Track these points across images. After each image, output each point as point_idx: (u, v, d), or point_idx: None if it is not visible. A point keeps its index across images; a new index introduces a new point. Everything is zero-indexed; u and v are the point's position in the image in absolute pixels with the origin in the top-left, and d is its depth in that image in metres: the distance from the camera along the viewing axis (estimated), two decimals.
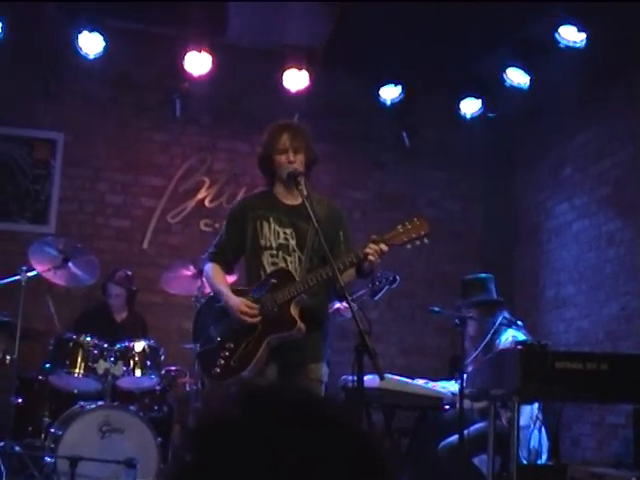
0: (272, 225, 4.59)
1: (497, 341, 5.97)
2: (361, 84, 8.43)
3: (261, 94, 8.27)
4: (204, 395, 6.44)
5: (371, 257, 4.30)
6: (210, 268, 4.73)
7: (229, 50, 8.07)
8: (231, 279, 5.07)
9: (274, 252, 4.56)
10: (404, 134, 8.64)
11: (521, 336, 5.99)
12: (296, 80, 8.11)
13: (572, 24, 7.02)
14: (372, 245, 4.31)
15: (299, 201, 4.53)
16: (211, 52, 7.80)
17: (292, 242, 4.57)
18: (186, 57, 7.79)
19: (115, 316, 7.29)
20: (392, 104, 8.41)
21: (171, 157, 8.43)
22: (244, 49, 8.24)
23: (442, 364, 7.96)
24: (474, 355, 5.89)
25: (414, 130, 8.67)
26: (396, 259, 8.11)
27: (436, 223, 8.71)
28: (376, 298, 6.34)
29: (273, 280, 4.48)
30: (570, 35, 7.07)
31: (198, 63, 7.84)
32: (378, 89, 8.35)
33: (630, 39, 6.25)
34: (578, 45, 7.11)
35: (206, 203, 8.39)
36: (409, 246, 4.41)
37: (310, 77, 8.09)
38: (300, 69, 8.08)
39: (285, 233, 4.58)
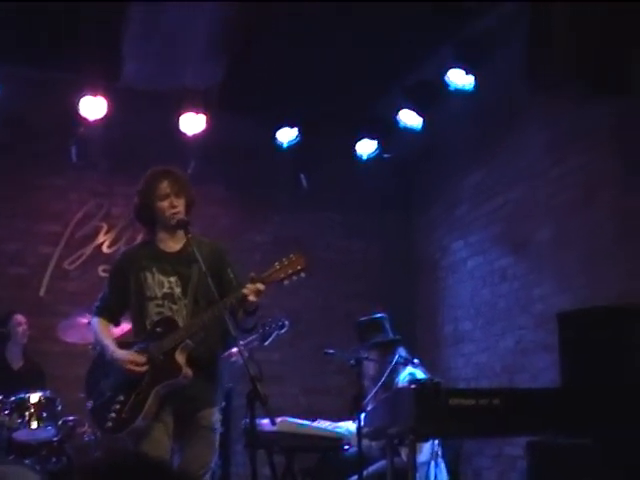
0: (156, 275, 4.57)
1: (396, 380, 6.04)
2: (258, 127, 8.46)
3: (158, 138, 8.24)
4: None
5: (250, 297, 4.33)
6: (96, 323, 4.72)
7: (125, 94, 8.03)
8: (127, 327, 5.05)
9: (160, 302, 4.54)
10: (301, 176, 8.72)
11: (420, 374, 6.07)
12: (193, 123, 8.11)
13: (460, 67, 7.22)
14: (249, 285, 4.35)
15: (180, 246, 4.58)
16: (106, 96, 7.76)
17: (177, 290, 4.55)
18: (81, 102, 7.73)
19: (12, 364, 7.15)
20: (289, 146, 8.47)
21: (68, 203, 8.33)
22: (140, 92, 8.21)
23: (344, 404, 7.99)
24: (371, 395, 5.94)
25: (311, 172, 8.74)
26: (297, 300, 8.23)
27: (335, 264, 8.97)
28: (266, 343, 6.37)
29: (158, 329, 4.48)
30: (459, 78, 7.27)
31: (94, 107, 7.78)
32: (275, 132, 8.41)
33: (515, 83, 6.45)
34: (467, 88, 7.32)
35: (104, 249, 8.31)
36: (287, 282, 4.45)
37: (207, 120, 8.10)
38: (197, 112, 8.09)
39: (169, 282, 4.57)
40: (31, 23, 6.99)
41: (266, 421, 4.73)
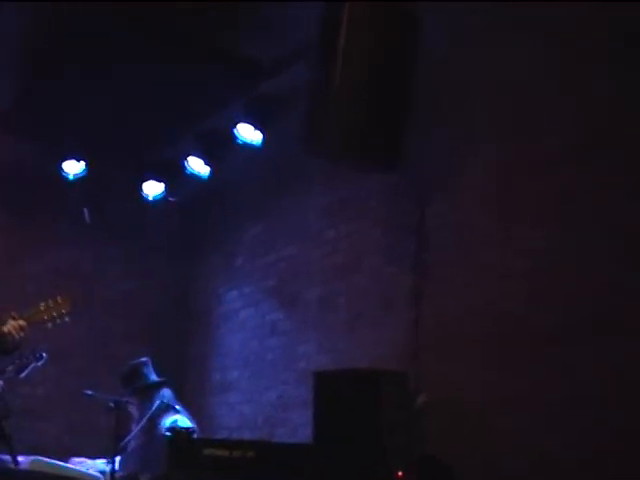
0: None
1: (161, 424, 6.06)
2: (44, 155, 8.32)
3: None
4: None
5: (13, 333, 4.28)
6: None
7: None
8: None
9: None
10: (85, 210, 8.61)
11: (183, 420, 6.11)
12: None
13: (249, 122, 7.41)
14: (12, 322, 4.31)
15: None
16: None
17: None
18: None
19: None
20: (75, 179, 8.35)
21: None
22: None
23: (109, 444, 7.90)
24: (130, 437, 5.94)
25: (96, 207, 8.65)
26: (68, 336, 8.06)
27: (111, 302, 8.88)
28: (22, 375, 6.24)
29: None
30: (247, 133, 7.45)
31: None
32: (61, 162, 8.28)
33: (300, 143, 6.69)
34: (255, 143, 7.51)
35: None
36: (50, 325, 4.44)
37: None
38: None
39: None
40: None
41: (21, 459, 4.65)
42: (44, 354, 6.16)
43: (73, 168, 8.32)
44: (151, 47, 6.66)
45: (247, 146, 7.53)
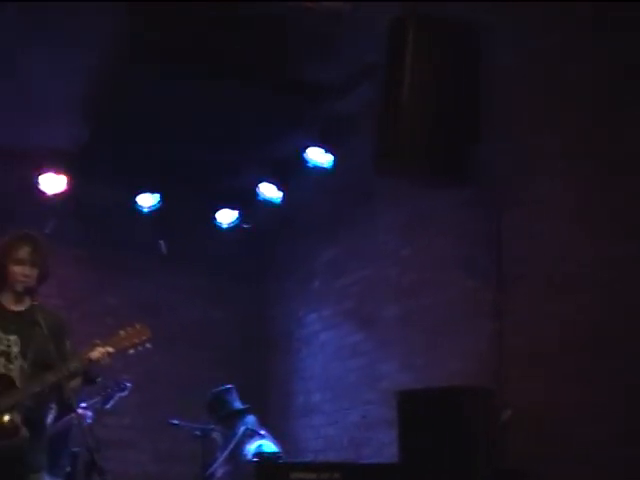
0: None
1: (245, 450, 6.10)
2: (118, 190, 8.46)
3: (16, 196, 8.13)
4: None
5: (100, 360, 4.36)
6: None
7: None
8: None
9: None
10: (161, 242, 8.73)
11: (268, 445, 6.15)
12: (53, 183, 8.04)
13: (319, 146, 7.46)
14: (99, 349, 4.39)
15: (24, 308, 4.56)
16: None
17: (15, 349, 4.50)
18: None
19: None
20: (150, 212, 8.49)
21: None
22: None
23: (196, 470, 7.97)
24: (217, 464, 5.99)
25: (172, 238, 8.77)
26: (151, 367, 8.18)
27: (192, 330, 8.97)
28: (108, 406, 6.36)
29: None
30: (317, 156, 7.50)
31: None
32: (135, 196, 8.43)
33: (371, 164, 6.71)
34: (326, 166, 7.55)
35: None
36: (132, 351, 4.51)
37: (67, 181, 8.05)
38: (57, 173, 8.04)
39: (8, 340, 4.51)
40: None
41: None
42: (128, 384, 6.27)
43: (147, 201, 8.47)
44: (218, 79, 6.74)
45: (318, 169, 7.58)
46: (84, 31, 6.30)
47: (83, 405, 6.38)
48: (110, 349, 4.42)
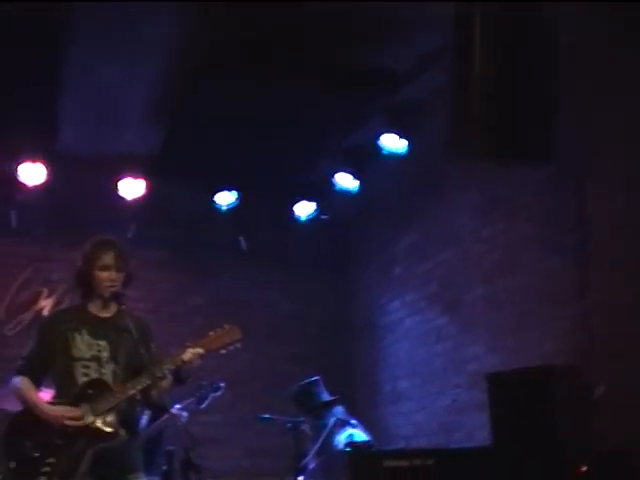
0: (85, 337, 4.58)
1: (336, 441, 6.12)
2: (196, 190, 8.56)
3: (97, 203, 8.29)
4: None
5: (192, 361, 4.43)
6: (19, 382, 4.61)
7: (63, 159, 8.05)
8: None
9: (86, 363, 4.54)
10: (241, 239, 8.82)
11: (359, 434, 6.16)
12: (131, 188, 8.18)
13: (393, 132, 7.43)
14: (191, 350, 4.45)
15: (112, 314, 4.63)
16: (45, 162, 7.81)
17: (105, 354, 4.57)
18: (20, 168, 7.78)
19: None
20: (228, 209, 8.57)
21: (7, 268, 8.32)
22: (78, 158, 8.25)
23: (286, 464, 8.02)
24: (310, 456, 6.02)
25: (251, 234, 8.86)
26: (238, 362, 8.27)
27: (275, 325, 9.04)
28: (203, 406, 6.44)
29: (90, 391, 4.47)
30: (392, 142, 7.48)
31: (32, 173, 7.83)
32: (213, 195, 8.52)
33: (446, 146, 6.65)
34: (400, 151, 7.53)
35: (45, 313, 8.28)
36: (223, 351, 4.56)
37: (146, 185, 8.19)
38: (135, 177, 8.17)
39: (98, 345, 4.58)
40: None
41: None
42: (222, 384, 6.34)
43: (226, 199, 8.56)
44: (288, 71, 6.76)
45: (393, 155, 7.56)
46: (161, 34, 6.40)
47: (178, 406, 6.48)
48: (200, 350, 4.48)
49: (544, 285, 6.13)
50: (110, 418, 4.43)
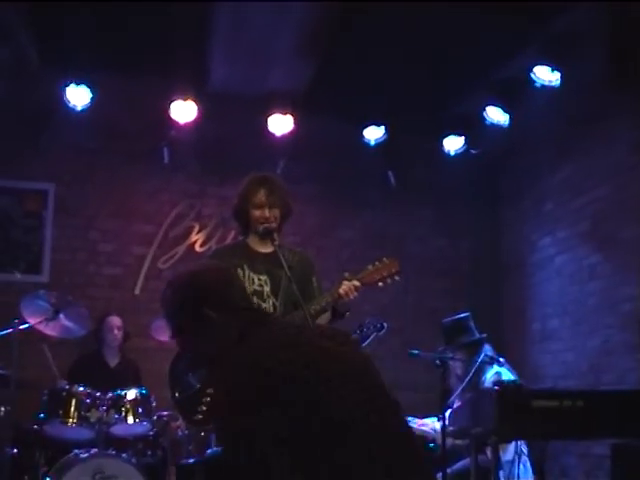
0: (246, 272, 4.68)
1: (483, 378, 6.07)
2: (345, 125, 8.56)
3: (247, 139, 8.42)
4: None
5: (349, 294, 4.46)
6: None
7: (214, 98, 8.19)
8: None
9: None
10: (389, 173, 8.79)
11: (506, 373, 6.09)
12: (281, 124, 8.26)
13: (546, 64, 7.19)
14: (346, 282, 4.49)
15: (271, 250, 4.67)
16: (196, 100, 7.95)
17: (266, 288, 4.67)
18: (172, 106, 7.94)
19: (109, 361, 7.44)
20: (376, 144, 8.55)
21: (160, 204, 8.57)
22: (228, 96, 8.35)
23: (433, 399, 8.03)
24: (456, 393, 6.00)
25: (399, 169, 8.81)
26: (385, 296, 8.30)
27: (423, 260, 9.02)
28: (364, 345, 6.46)
29: None
30: (544, 74, 7.24)
31: (184, 111, 7.97)
32: (362, 130, 8.50)
33: (603, 79, 6.40)
34: (553, 84, 7.27)
35: (196, 248, 8.52)
36: (381, 284, 4.57)
37: (294, 121, 8.23)
38: (284, 113, 8.23)
39: (260, 279, 4.68)
40: (122, 31, 7.21)
41: None
42: (385, 324, 6.34)
43: (374, 134, 8.53)
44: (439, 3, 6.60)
45: (545, 88, 7.32)
46: None
47: None
48: (357, 283, 4.51)
49: None
50: None
